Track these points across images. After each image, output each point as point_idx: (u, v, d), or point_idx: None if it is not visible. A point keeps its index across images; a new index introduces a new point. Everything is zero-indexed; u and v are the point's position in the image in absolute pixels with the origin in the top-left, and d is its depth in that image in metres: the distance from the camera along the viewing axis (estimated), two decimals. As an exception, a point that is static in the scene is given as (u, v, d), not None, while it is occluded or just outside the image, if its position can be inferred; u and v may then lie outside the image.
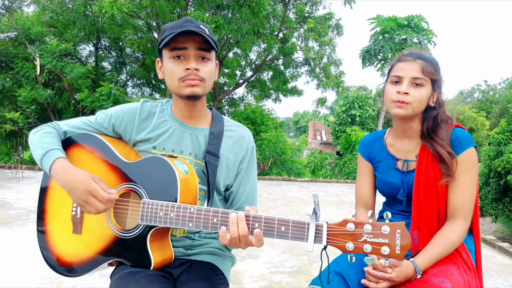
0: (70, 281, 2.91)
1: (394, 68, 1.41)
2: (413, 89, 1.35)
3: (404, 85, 1.35)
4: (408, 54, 1.41)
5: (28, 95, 11.30)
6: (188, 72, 1.22)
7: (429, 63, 1.37)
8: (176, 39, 1.22)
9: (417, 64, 1.36)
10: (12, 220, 4.85)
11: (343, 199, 8.31)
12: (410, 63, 1.37)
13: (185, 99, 1.29)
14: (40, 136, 1.28)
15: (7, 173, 9.90)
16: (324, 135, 32.45)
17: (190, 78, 1.23)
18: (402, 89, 1.35)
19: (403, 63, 1.39)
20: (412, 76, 1.35)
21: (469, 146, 1.34)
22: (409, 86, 1.35)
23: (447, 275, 1.21)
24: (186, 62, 1.23)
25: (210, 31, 1.28)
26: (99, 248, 1.25)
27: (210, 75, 1.28)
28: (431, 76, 1.37)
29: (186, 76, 1.23)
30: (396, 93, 1.36)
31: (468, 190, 1.33)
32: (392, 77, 1.40)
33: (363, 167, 1.59)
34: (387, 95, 1.41)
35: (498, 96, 31.39)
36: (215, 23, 10.64)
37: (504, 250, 4.67)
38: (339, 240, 0.97)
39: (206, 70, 1.26)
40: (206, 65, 1.26)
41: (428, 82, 1.36)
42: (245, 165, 1.40)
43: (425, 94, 1.36)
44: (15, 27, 11.82)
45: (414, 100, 1.35)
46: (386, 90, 1.43)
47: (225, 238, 1.06)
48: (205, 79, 1.25)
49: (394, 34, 18.80)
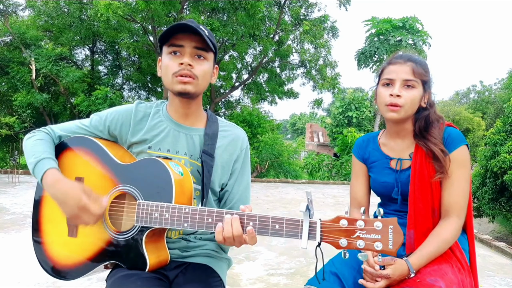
0: (67, 285, 2.90)
1: (386, 71, 1.43)
2: (405, 91, 1.37)
3: (396, 87, 1.37)
4: (399, 57, 1.43)
5: (24, 100, 11.24)
6: (182, 67, 1.23)
7: (419, 65, 1.39)
8: (175, 36, 1.24)
9: (408, 66, 1.38)
10: (8, 225, 4.82)
11: (340, 200, 8.32)
12: (401, 66, 1.39)
13: (178, 96, 1.30)
14: (33, 143, 1.27)
15: (3, 178, 9.84)
16: (321, 137, 32.50)
17: (183, 74, 1.24)
18: (394, 92, 1.36)
19: (394, 65, 1.40)
20: (404, 78, 1.37)
21: (461, 144, 1.36)
22: (401, 88, 1.37)
23: (440, 274, 1.22)
24: (181, 57, 1.25)
25: (210, 33, 1.29)
26: (95, 250, 1.24)
27: (204, 74, 1.28)
28: (422, 78, 1.38)
29: (179, 71, 1.24)
30: (389, 96, 1.38)
31: (461, 188, 1.34)
32: (384, 80, 1.42)
33: (357, 168, 1.60)
34: (380, 98, 1.43)
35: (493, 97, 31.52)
36: (210, 25, 10.67)
37: (500, 249, 4.69)
38: (333, 236, 0.98)
39: (200, 68, 1.26)
40: (201, 64, 1.27)
41: (419, 83, 1.38)
42: (239, 164, 1.41)
43: (417, 96, 1.38)
44: (10, 31, 11.77)
45: (406, 102, 1.36)
46: (378, 93, 1.44)
47: (220, 234, 1.07)
48: (198, 76, 1.26)
49: (389, 36, 18.91)
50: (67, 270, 1.29)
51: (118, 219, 1.24)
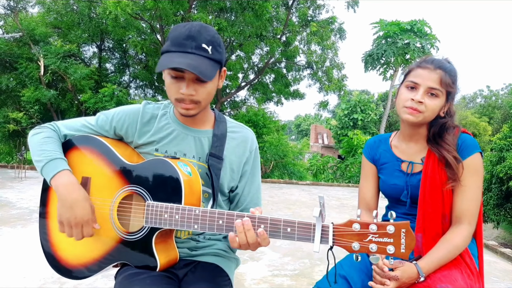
0: (72, 281, 2.92)
1: (412, 73, 1.39)
2: (427, 99, 1.34)
3: (420, 93, 1.33)
4: (430, 61, 1.37)
5: (32, 96, 11.34)
6: (183, 97, 1.20)
7: (448, 74, 1.35)
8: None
9: (436, 74, 1.33)
10: (14, 220, 4.86)
11: (345, 202, 8.30)
12: (430, 72, 1.34)
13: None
14: (41, 141, 1.26)
15: (10, 172, 9.92)
16: (325, 139, 32.43)
17: (184, 103, 1.21)
18: (417, 98, 1.33)
19: (423, 70, 1.36)
20: (429, 85, 1.33)
21: (475, 151, 1.34)
22: (424, 95, 1.33)
23: (450, 280, 1.22)
24: (182, 84, 1.18)
25: (214, 48, 1.18)
26: (104, 250, 1.25)
27: (207, 96, 1.24)
28: (448, 88, 1.35)
29: (181, 99, 1.20)
30: (411, 100, 1.34)
31: (474, 195, 1.33)
32: (408, 82, 1.38)
33: (367, 169, 1.59)
34: (400, 100, 1.39)
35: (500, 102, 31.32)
36: (218, 25, 10.68)
37: (506, 256, 4.65)
38: (345, 240, 0.97)
39: (203, 91, 1.21)
40: (204, 87, 1.21)
41: (444, 93, 1.35)
42: (249, 166, 1.40)
43: (438, 105, 1.35)
44: (20, 27, 11.89)
45: (427, 110, 1.34)
46: (400, 93, 1.41)
47: (235, 242, 1.06)
48: (200, 101, 1.22)
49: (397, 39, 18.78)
50: (76, 269, 1.29)
51: (126, 220, 1.24)
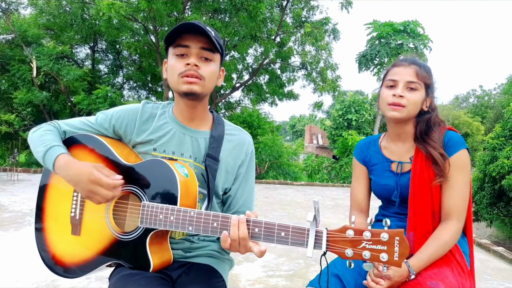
0: (65, 284, 2.90)
1: (390, 73, 1.46)
2: (408, 93, 1.40)
3: (399, 88, 1.40)
4: (403, 60, 1.46)
5: (24, 97, 11.23)
6: (188, 68, 1.23)
7: (423, 68, 1.42)
8: (181, 37, 1.23)
9: (411, 68, 1.41)
10: (7, 223, 4.82)
11: (339, 203, 8.33)
12: (405, 68, 1.42)
13: (184, 97, 1.29)
14: (41, 133, 1.29)
15: (2, 175, 9.82)
16: (320, 139, 32.49)
17: (189, 74, 1.23)
18: (397, 92, 1.39)
19: (399, 67, 1.43)
20: (407, 80, 1.40)
21: (461, 148, 1.38)
22: (404, 90, 1.40)
23: (441, 278, 1.23)
24: (187, 59, 1.24)
25: (217, 35, 1.28)
26: (98, 249, 1.25)
27: (210, 75, 1.27)
28: (425, 81, 1.41)
29: (186, 71, 1.23)
30: (392, 96, 1.40)
31: (461, 191, 1.36)
32: (387, 81, 1.45)
33: (358, 171, 1.61)
34: (382, 99, 1.45)
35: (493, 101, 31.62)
36: (212, 26, 10.67)
37: (499, 254, 4.70)
38: (339, 246, 0.97)
39: (207, 69, 1.26)
40: (208, 65, 1.26)
41: (422, 86, 1.41)
42: (244, 169, 1.41)
43: (419, 98, 1.40)
44: (12, 29, 11.77)
45: (409, 103, 1.39)
46: (381, 94, 1.47)
47: (227, 242, 1.07)
48: (204, 77, 1.25)
49: (390, 39, 18.94)
50: (69, 268, 1.30)
51: (121, 219, 1.25)
